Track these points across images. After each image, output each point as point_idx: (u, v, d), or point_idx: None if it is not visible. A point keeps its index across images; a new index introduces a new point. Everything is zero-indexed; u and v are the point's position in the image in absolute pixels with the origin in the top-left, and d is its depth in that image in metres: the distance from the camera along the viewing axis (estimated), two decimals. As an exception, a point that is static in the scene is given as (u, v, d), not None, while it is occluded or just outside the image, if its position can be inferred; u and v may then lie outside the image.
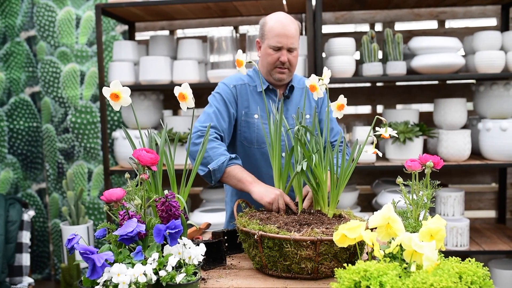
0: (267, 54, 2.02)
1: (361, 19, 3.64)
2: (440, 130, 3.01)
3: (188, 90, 1.50)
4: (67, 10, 3.75)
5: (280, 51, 1.99)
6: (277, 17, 2.01)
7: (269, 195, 1.73)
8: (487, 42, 2.94)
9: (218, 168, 1.84)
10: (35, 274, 3.93)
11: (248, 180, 1.82)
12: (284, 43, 1.97)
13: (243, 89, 2.09)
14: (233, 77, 2.14)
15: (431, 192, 1.45)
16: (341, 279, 1.11)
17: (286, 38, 1.96)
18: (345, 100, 1.65)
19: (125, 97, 1.43)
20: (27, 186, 3.93)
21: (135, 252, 1.32)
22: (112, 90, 1.41)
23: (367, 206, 3.66)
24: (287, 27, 1.97)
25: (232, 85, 2.08)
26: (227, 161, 1.85)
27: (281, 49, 1.99)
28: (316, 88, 1.68)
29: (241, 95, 2.08)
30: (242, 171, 1.86)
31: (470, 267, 1.12)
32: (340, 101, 1.65)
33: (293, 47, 1.99)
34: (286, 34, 1.96)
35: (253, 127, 2.06)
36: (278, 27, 1.97)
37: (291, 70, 2.04)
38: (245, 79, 2.11)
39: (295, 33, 1.99)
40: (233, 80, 2.11)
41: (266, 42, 2.01)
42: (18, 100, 3.88)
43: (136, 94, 3.28)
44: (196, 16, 3.57)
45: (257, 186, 1.79)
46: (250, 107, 2.07)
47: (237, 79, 2.11)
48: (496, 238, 3.14)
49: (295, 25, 2.01)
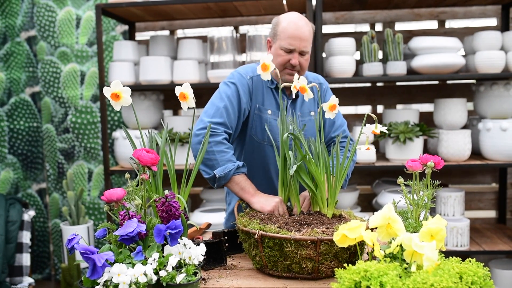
0: (277, 55, 1.93)
1: (361, 19, 3.64)
2: (440, 130, 3.01)
3: (189, 90, 1.50)
4: (67, 10, 3.75)
5: (292, 54, 1.92)
6: (292, 18, 1.93)
7: (269, 203, 1.74)
8: (487, 42, 2.93)
9: (224, 176, 1.81)
10: (35, 274, 3.93)
11: (250, 191, 1.81)
12: (297, 45, 1.90)
13: (259, 82, 1.99)
14: (249, 67, 2.03)
15: (432, 192, 1.45)
16: (341, 279, 1.11)
17: (300, 40, 1.89)
18: (337, 100, 1.66)
19: (126, 97, 1.43)
20: (27, 186, 3.93)
21: (136, 252, 1.32)
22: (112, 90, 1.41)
23: (367, 206, 3.66)
24: (301, 29, 1.89)
25: (249, 76, 1.98)
26: (234, 169, 1.81)
27: (293, 52, 1.91)
28: (306, 90, 1.68)
29: (256, 88, 1.98)
30: (245, 181, 1.83)
31: (470, 267, 1.12)
32: (332, 102, 1.66)
33: (305, 51, 1.92)
34: (300, 37, 1.89)
35: (265, 122, 1.97)
36: (292, 28, 1.90)
37: (300, 73, 1.95)
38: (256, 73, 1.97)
39: (308, 35, 1.91)
40: (249, 71, 2.00)
41: (278, 43, 1.93)
42: (19, 100, 3.88)
43: (136, 94, 3.28)
44: (196, 16, 3.57)
45: (257, 197, 1.79)
46: (265, 102, 1.98)
47: (253, 70, 2.00)
48: (497, 238, 3.14)
49: (309, 27, 1.93)
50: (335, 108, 1.66)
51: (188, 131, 3.25)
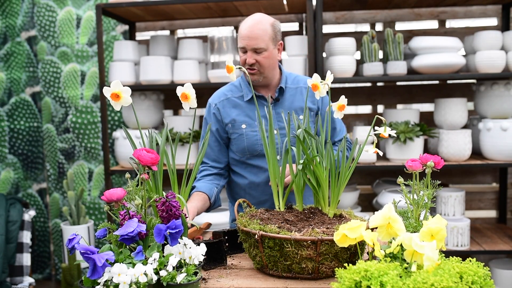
0: (239, 56, 2.05)
1: (362, 19, 3.64)
2: (441, 130, 3.01)
3: (191, 90, 1.50)
4: (68, 10, 3.76)
5: (247, 53, 2.00)
6: (247, 19, 2.03)
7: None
8: (487, 42, 2.93)
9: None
10: (35, 274, 3.93)
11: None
12: (246, 43, 1.98)
13: (226, 104, 2.12)
14: (219, 92, 2.18)
15: (432, 192, 1.45)
16: (341, 279, 1.11)
17: (249, 39, 1.97)
18: (346, 100, 1.65)
19: (126, 97, 1.43)
20: (27, 186, 3.93)
21: (136, 252, 1.32)
22: (112, 90, 1.41)
23: (367, 206, 3.66)
24: (250, 28, 1.97)
25: (214, 104, 2.13)
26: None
27: (247, 51, 2.00)
28: (318, 87, 1.67)
29: (224, 111, 2.11)
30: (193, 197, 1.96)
31: (470, 267, 1.12)
32: (341, 102, 1.65)
33: (258, 47, 1.98)
34: (248, 35, 1.97)
35: (242, 137, 2.08)
36: (242, 28, 2.00)
37: (262, 72, 2.02)
38: (228, 93, 2.14)
39: (261, 33, 1.97)
40: (215, 98, 2.15)
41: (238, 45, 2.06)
42: (19, 100, 3.88)
43: (136, 94, 3.28)
44: (197, 16, 3.57)
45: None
46: (236, 119, 2.09)
47: (219, 95, 2.15)
48: (497, 238, 3.14)
49: (264, 26, 1.99)
50: (344, 108, 1.65)
51: (188, 131, 3.25)
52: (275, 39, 2.02)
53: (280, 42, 2.07)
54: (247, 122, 2.08)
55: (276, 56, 2.05)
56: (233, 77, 1.71)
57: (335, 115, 1.67)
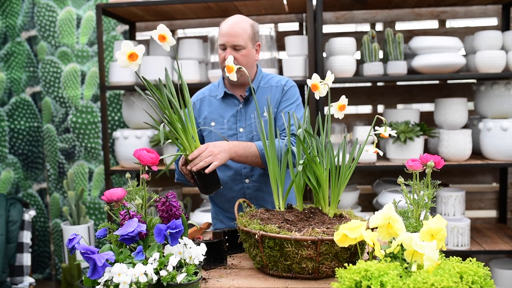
0: (219, 55, 2.08)
1: (362, 19, 3.64)
2: (441, 130, 3.01)
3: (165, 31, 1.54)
4: (68, 10, 3.75)
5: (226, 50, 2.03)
6: (227, 19, 2.07)
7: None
8: (487, 42, 2.93)
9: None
10: (36, 274, 3.93)
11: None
12: (226, 40, 2.02)
13: (202, 102, 2.19)
14: (199, 91, 2.24)
15: (432, 192, 1.45)
16: (342, 279, 1.11)
17: (228, 36, 2.01)
18: (346, 100, 1.65)
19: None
20: (28, 186, 3.93)
21: (136, 252, 1.32)
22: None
23: (368, 206, 3.66)
24: (230, 26, 2.02)
25: (193, 102, 2.18)
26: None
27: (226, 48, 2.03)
28: (318, 87, 1.67)
29: (200, 109, 2.18)
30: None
31: (471, 267, 1.12)
32: (342, 102, 1.65)
33: (237, 45, 2.02)
34: (228, 32, 2.01)
35: (211, 134, 2.13)
36: (223, 26, 2.04)
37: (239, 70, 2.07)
38: (206, 92, 2.21)
39: (241, 31, 2.02)
40: (195, 96, 2.22)
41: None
42: (19, 100, 3.88)
43: (137, 93, 3.28)
44: (197, 16, 3.57)
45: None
46: (208, 117, 2.15)
47: (198, 94, 2.22)
48: (497, 238, 3.14)
49: (244, 25, 2.03)
50: (344, 108, 1.65)
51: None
52: (253, 39, 2.07)
53: (258, 43, 2.12)
54: (217, 120, 2.13)
55: (254, 56, 2.10)
56: (233, 77, 1.71)
57: (336, 115, 1.67)
